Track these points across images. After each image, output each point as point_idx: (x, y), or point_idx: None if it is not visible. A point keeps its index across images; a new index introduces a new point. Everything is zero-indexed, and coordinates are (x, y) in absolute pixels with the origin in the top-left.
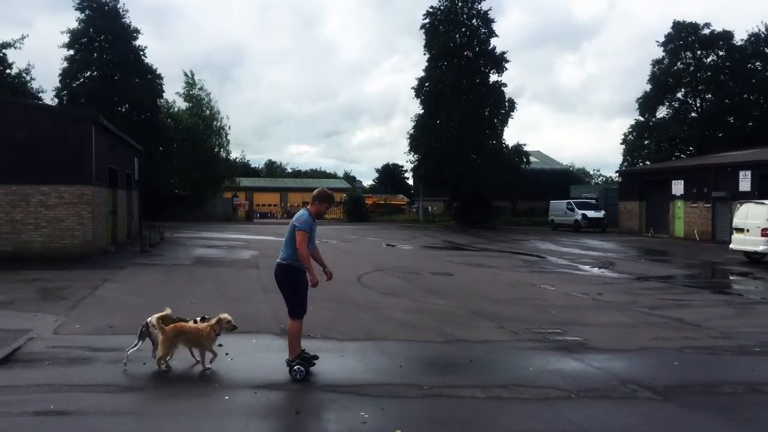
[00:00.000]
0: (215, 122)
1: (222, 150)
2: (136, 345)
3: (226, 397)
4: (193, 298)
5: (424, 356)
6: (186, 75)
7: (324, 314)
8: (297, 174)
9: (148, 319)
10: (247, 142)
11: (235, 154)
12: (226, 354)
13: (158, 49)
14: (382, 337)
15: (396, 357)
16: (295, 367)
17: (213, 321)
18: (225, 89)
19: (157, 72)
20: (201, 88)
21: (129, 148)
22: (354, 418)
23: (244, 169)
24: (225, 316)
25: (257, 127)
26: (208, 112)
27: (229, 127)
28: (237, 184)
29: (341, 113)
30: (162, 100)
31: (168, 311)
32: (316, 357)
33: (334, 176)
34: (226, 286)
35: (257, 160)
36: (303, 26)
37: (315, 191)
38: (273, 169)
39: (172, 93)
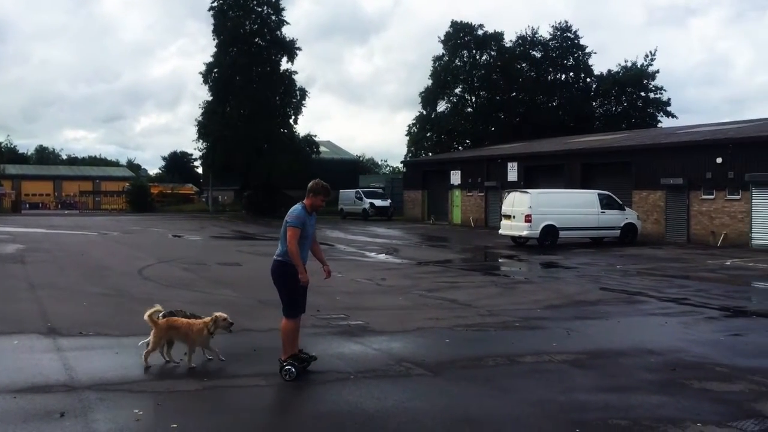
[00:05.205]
0: None
1: None
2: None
3: None
4: None
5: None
6: None
7: (100, 309)
8: (73, 161)
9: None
10: (14, 126)
11: None
12: None
13: None
14: None
15: (176, 351)
16: (285, 367)
17: (207, 318)
18: None
19: None
20: None
21: None
22: (127, 417)
23: (11, 155)
24: (221, 314)
25: (25, 109)
26: None
27: None
28: (2, 172)
29: (123, 97)
30: None
31: (157, 307)
32: (313, 358)
33: (116, 164)
34: None
35: (26, 146)
36: (77, 1)
37: (310, 183)
38: (45, 155)
39: None
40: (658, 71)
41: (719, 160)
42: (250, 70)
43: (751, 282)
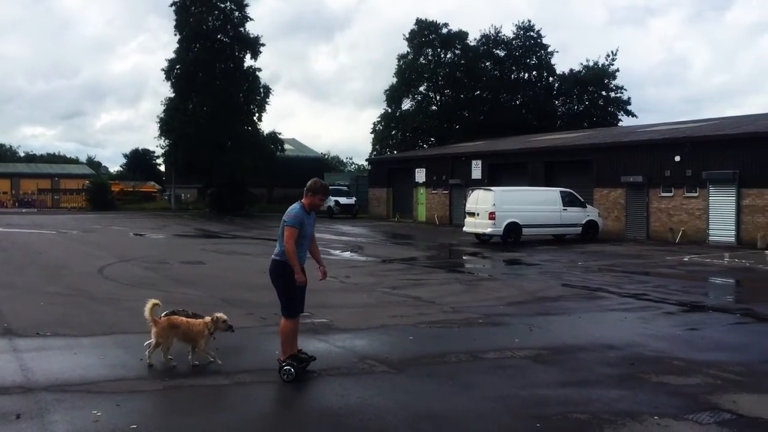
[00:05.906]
0: None
1: None
2: None
3: None
4: None
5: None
6: None
7: (58, 309)
8: (31, 159)
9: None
10: None
11: None
12: None
13: None
14: (123, 330)
15: (137, 351)
16: (285, 368)
17: (208, 318)
18: None
19: None
20: None
21: None
22: (84, 418)
23: None
24: (221, 315)
25: None
26: None
27: None
28: None
29: (82, 93)
30: None
31: (153, 301)
32: (312, 358)
33: (75, 161)
34: None
35: None
36: None
37: (309, 182)
38: (2, 153)
39: None
40: (618, 70)
41: (677, 158)
42: (213, 66)
43: (708, 278)
